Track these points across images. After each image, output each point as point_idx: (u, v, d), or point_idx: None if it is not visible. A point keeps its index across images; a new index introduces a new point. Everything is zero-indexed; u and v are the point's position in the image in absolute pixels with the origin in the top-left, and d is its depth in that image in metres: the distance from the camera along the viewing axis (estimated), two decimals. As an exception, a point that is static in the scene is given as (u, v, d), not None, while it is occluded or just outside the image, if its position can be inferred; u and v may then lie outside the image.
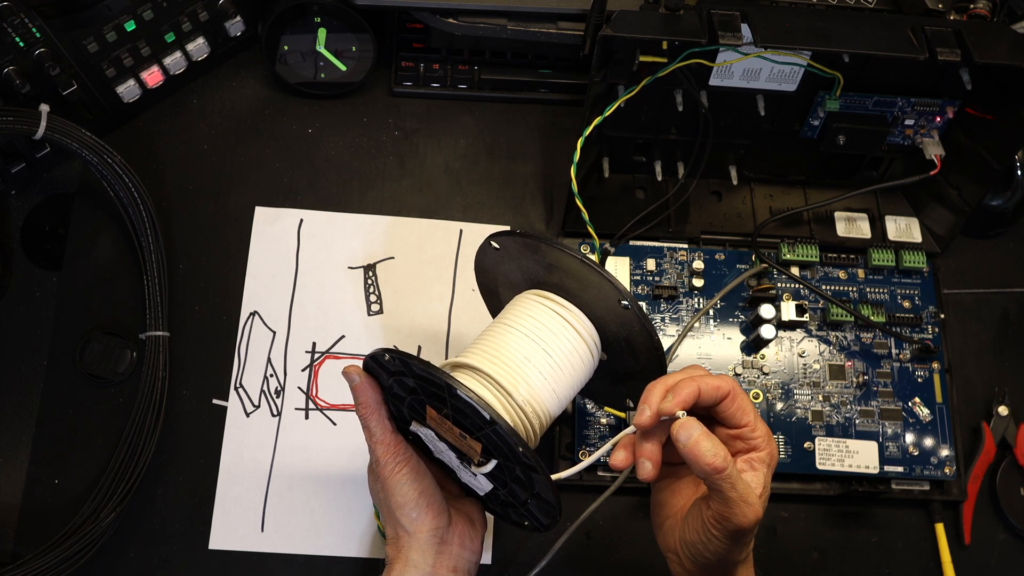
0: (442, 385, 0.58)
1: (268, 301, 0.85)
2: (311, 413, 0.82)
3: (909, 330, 0.85)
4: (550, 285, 0.67)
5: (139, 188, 0.81)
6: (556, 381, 0.65)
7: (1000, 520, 0.83)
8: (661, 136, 0.85)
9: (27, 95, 0.78)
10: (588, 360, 0.67)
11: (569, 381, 0.66)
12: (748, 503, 0.58)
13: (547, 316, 0.66)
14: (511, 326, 0.66)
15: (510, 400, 0.63)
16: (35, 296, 0.83)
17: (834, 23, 0.73)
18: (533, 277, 0.68)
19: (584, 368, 0.67)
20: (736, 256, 0.87)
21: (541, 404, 0.64)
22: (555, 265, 0.66)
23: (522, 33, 0.85)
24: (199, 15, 0.83)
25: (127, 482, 0.76)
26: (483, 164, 0.91)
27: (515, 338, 0.65)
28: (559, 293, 0.67)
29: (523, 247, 0.67)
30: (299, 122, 0.91)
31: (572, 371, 0.66)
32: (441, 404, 0.60)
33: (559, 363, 0.65)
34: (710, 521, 0.59)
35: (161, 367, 0.80)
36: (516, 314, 0.67)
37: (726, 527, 0.59)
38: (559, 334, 0.66)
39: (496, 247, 0.68)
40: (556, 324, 0.66)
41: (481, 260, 0.72)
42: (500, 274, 0.71)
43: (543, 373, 0.64)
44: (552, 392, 0.65)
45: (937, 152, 0.83)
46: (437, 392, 0.59)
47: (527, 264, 0.68)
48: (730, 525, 0.58)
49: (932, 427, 0.82)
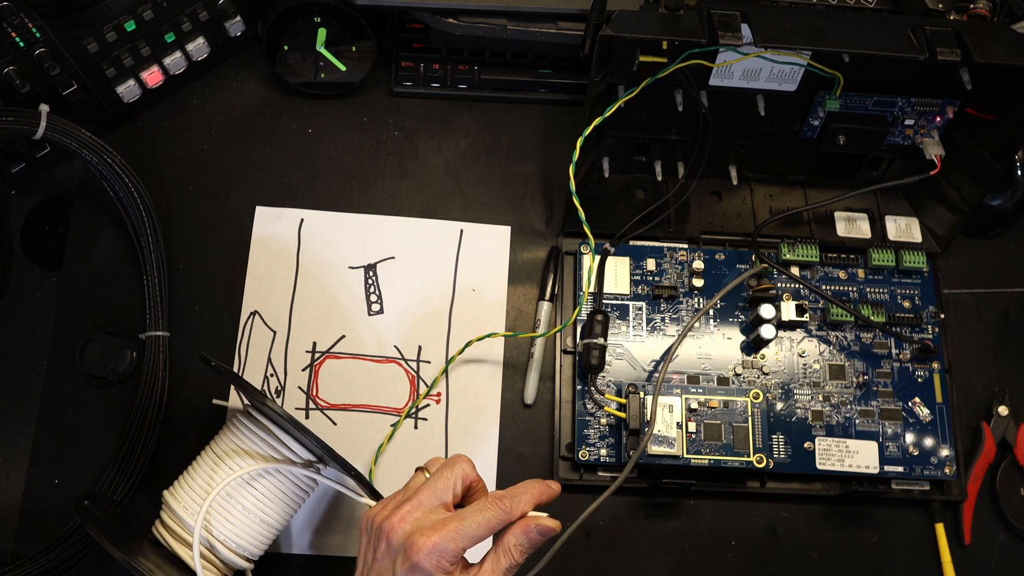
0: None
1: (268, 301, 0.85)
2: (311, 413, 0.82)
3: (909, 330, 0.85)
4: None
5: (139, 188, 0.81)
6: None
7: (1000, 520, 0.83)
8: (661, 136, 0.85)
9: (27, 95, 0.78)
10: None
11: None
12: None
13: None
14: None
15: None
16: (35, 296, 0.83)
17: (834, 23, 0.73)
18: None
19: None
20: (736, 256, 0.87)
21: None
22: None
23: (522, 33, 0.85)
24: (199, 15, 0.83)
25: (127, 482, 0.76)
26: (483, 164, 0.91)
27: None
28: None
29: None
30: (299, 122, 0.91)
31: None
32: None
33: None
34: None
35: (161, 367, 0.80)
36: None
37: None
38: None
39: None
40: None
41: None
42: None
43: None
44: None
45: (937, 152, 0.83)
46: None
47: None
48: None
49: (932, 427, 0.82)
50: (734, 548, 0.81)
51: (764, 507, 0.82)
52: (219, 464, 0.70)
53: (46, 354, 0.82)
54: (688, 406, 0.79)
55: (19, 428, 0.80)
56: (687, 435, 0.78)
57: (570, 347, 0.84)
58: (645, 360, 0.83)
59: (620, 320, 0.84)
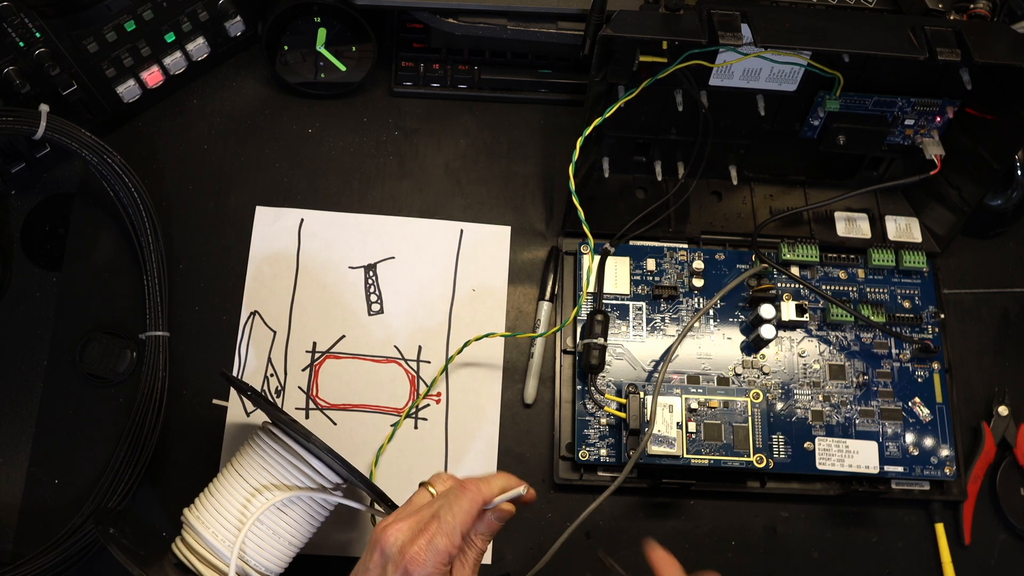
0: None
1: (268, 301, 0.85)
2: (311, 413, 0.82)
3: (909, 330, 0.85)
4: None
5: (139, 188, 0.81)
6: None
7: (1000, 520, 0.83)
8: (661, 136, 0.85)
9: (27, 95, 0.78)
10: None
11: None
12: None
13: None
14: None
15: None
16: (35, 296, 0.83)
17: (834, 23, 0.73)
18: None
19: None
20: (736, 256, 0.87)
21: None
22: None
23: (522, 33, 0.85)
24: (199, 15, 0.83)
25: (127, 482, 0.76)
26: (483, 164, 0.91)
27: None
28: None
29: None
30: (299, 122, 0.91)
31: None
32: None
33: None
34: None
35: (161, 367, 0.80)
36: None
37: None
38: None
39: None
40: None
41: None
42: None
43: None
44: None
45: (937, 152, 0.82)
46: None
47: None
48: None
49: (932, 427, 0.82)
50: (734, 548, 0.81)
51: (764, 507, 0.82)
52: (254, 495, 0.69)
53: (46, 354, 0.82)
54: (688, 406, 0.79)
55: (19, 428, 0.80)
56: (687, 435, 0.78)
57: (570, 347, 0.84)
58: (645, 360, 0.83)
59: (620, 320, 0.84)
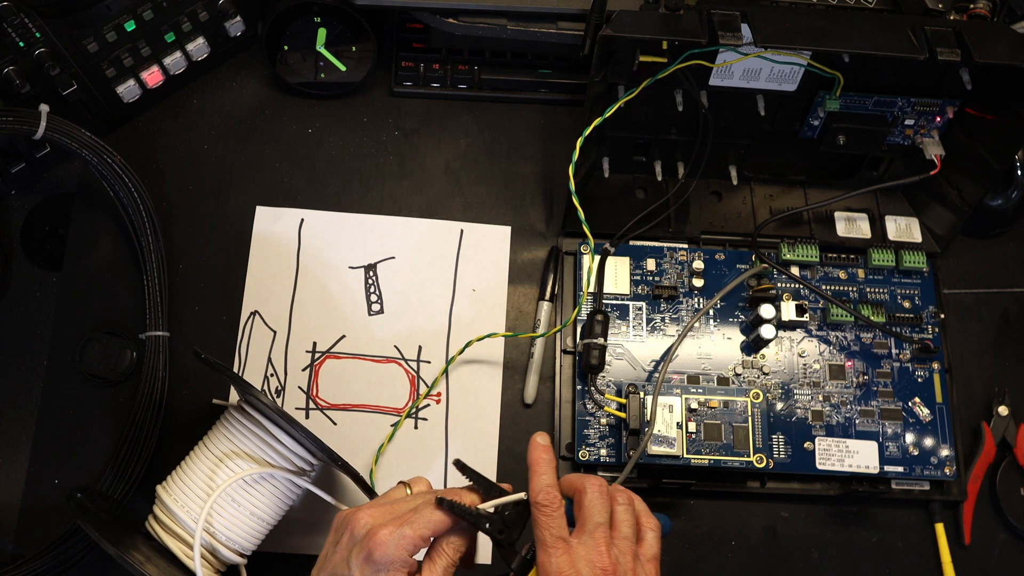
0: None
1: (268, 301, 0.85)
2: (311, 413, 0.82)
3: (909, 330, 0.85)
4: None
5: (139, 188, 0.81)
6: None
7: (1000, 520, 0.83)
8: (661, 136, 0.85)
9: (27, 95, 0.78)
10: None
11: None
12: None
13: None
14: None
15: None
16: (35, 296, 0.83)
17: (834, 23, 0.73)
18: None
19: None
20: (736, 256, 0.87)
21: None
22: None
23: (522, 33, 0.85)
24: (199, 15, 0.83)
25: (126, 482, 0.76)
26: (483, 164, 0.91)
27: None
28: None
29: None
30: (299, 122, 0.91)
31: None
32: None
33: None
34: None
35: (161, 367, 0.80)
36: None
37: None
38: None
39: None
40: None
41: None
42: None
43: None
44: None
45: (937, 152, 0.83)
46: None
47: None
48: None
49: (932, 427, 0.82)
50: (734, 548, 0.81)
51: (764, 507, 0.82)
52: (218, 465, 0.70)
53: (46, 354, 0.82)
54: (688, 406, 0.79)
55: (19, 428, 0.80)
56: (687, 435, 0.78)
57: (570, 347, 0.84)
58: (645, 360, 0.83)
59: (620, 320, 0.84)
